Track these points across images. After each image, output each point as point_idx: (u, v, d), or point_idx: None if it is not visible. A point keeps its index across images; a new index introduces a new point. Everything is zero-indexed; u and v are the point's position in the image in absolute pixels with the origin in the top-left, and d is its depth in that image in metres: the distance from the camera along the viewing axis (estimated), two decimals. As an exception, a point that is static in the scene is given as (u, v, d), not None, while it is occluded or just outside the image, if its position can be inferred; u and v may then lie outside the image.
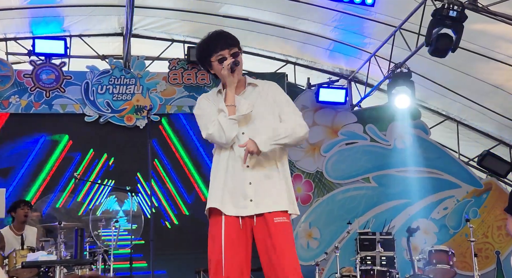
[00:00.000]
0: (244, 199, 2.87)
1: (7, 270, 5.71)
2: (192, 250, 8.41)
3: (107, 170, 8.42)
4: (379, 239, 7.08)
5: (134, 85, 8.72)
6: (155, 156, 8.39)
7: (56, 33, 8.55)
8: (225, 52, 2.96)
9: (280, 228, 2.86)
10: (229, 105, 2.91)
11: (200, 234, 8.57)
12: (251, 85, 3.06)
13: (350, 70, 9.41)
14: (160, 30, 8.92)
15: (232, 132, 2.90)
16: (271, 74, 9.22)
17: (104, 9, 8.23)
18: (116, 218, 7.22)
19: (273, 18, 8.25)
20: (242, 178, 2.89)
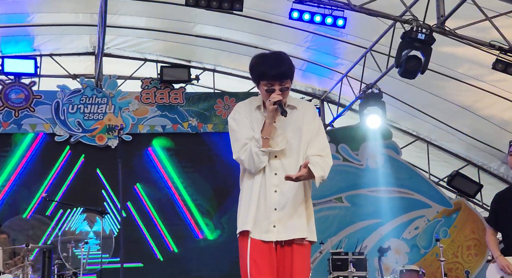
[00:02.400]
0: (269, 224, 2.89)
1: (-29, 295, 5.53)
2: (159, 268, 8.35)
3: (75, 189, 8.29)
4: (352, 259, 7.10)
5: (106, 104, 8.65)
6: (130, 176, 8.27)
7: (26, 52, 8.45)
8: (276, 84, 2.87)
9: (298, 251, 2.91)
10: (265, 138, 2.88)
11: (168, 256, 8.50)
12: (289, 107, 2.97)
13: (323, 90, 9.49)
14: (133, 49, 8.90)
15: (261, 164, 2.89)
16: (245, 93, 9.23)
17: (75, 28, 8.18)
18: (86, 239, 7.11)
19: (246, 38, 8.30)
20: (270, 203, 2.90)
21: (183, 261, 8.49)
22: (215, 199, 8.74)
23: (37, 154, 8.37)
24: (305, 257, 2.91)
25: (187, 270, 8.40)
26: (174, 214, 8.62)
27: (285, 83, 2.88)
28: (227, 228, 8.69)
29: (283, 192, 2.89)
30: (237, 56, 8.81)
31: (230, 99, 9.08)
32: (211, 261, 8.47)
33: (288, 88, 2.91)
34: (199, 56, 9.07)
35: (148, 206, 8.57)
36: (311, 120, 2.97)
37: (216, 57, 9.01)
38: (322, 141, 2.97)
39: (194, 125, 8.92)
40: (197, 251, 8.55)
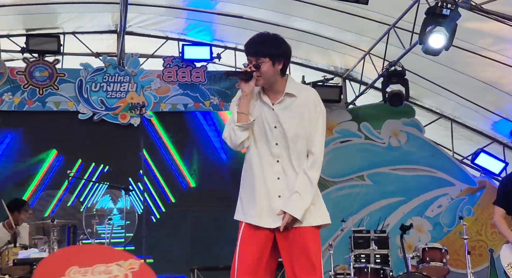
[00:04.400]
0: (272, 212, 2.95)
1: (0, 268, 5.68)
2: (186, 247, 8.43)
3: (101, 168, 8.39)
4: (373, 237, 7.09)
5: (128, 83, 8.70)
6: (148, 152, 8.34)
7: (50, 30, 8.51)
8: (252, 59, 2.99)
9: (307, 233, 2.96)
10: (240, 113, 2.95)
11: (196, 231, 8.61)
12: (287, 95, 3.01)
13: (345, 68, 9.41)
14: (154, 27, 8.89)
15: (237, 140, 2.96)
16: (266, 72, 9.22)
17: (98, 6, 8.20)
18: (110, 215, 7.24)
19: (268, 15, 8.23)
20: (274, 190, 2.97)
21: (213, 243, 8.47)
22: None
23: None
24: (313, 239, 2.95)
25: (216, 254, 8.31)
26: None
27: (260, 61, 2.94)
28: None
29: (287, 178, 2.95)
30: (258, 34, 8.75)
31: (252, 78, 9.04)
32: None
33: (259, 66, 2.94)
34: (221, 34, 9.04)
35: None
36: (313, 109, 3.00)
37: (237, 35, 8.96)
38: (318, 140, 2.99)
39: (215, 104, 8.94)
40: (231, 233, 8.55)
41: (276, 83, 3.01)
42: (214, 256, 8.29)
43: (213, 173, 8.74)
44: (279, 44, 3.02)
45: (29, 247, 5.92)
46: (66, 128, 8.46)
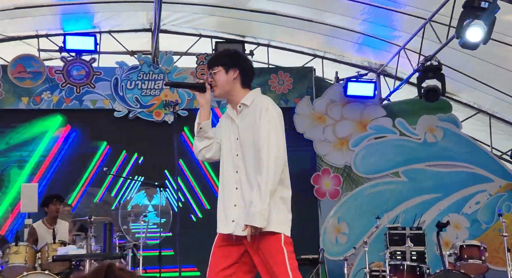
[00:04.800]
0: (227, 219, 3.10)
1: (40, 264, 5.82)
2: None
3: (136, 165, 8.51)
4: (409, 234, 7.00)
5: (162, 80, 8.78)
6: (183, 150, 8.41)
7: (87, 30, 8.65)
8: (208, 71, 3.23)
9: (264, 243, 3.01)
10: (197, 123, 3.25)
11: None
12: (242, 105, 3.16)
13: (379, 64, 9.30)
14: (188, 25, 8.95)
15: (196, 148, 3.28)
16: (298, 68, 9.19)
17: (133, 4, 8.30)
18: (145, 212, 7.30)
19: (301, 12, 8.19)
20: (231, 200, 3.12)
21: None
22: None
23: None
24: (272, 250, 2.98)
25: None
26: None
27: (214, 71, 3.15)
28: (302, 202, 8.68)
29: (242, 188, 3.07)
30: (292, 31, 8.73)
31: (285, 75, 9.04)
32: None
33: (214, 74, 3.14)
34: (254, 31, 9.04)
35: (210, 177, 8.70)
36: (258, 115, 3.07)
37: (270, 31, 8.95)
38: (263, 145, 3.02)
39: (247, 100, 8.93)
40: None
41: (234, 95, 3.16)
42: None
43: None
44: (234, 55, 3.23)
45: (68, 243, 6.04)
46: (104, 126, 8.60)
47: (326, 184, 8.91)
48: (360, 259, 8.10)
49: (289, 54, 9.30)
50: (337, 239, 8.77)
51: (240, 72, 3.13)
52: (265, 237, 2.98)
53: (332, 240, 8.74)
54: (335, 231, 8.78)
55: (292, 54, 9.30)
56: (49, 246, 5.86)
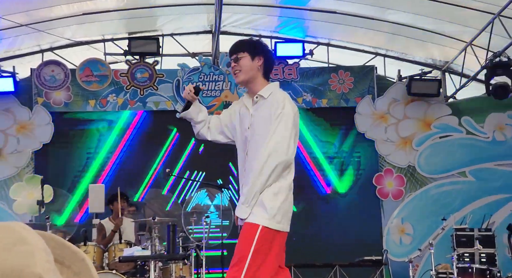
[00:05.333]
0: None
1: (107, 263, 5.99)
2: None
3: (199, 164, 8.60)
4: (478, 236, 6.79)
5: (222, 81, 8.85)
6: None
7: (150, 33, 8.84)
8: (233, 58, 3.32)
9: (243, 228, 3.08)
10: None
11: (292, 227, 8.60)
12: (260, 97, 3.20)
13: (444, 61, 9.01)
14: (248, 26, 8.98)
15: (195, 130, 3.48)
16: (360, 67, 9.04)
17: (194, 7, 8.40)
18: (207, 213, 7.37)
19: (362, 9, 8.05)
20: (241, 179, 3.28)
21: (308, 241, 8.51)
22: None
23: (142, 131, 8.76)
24: (244, 234, 3.02)
25: (311, 251, 8.38)
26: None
27: (240, 56, 3.22)
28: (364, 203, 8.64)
29: (247, 172, 3.15)
30: (352, 29, 8.61)
31: (345, 74, 8.92)
32: (340, 241, 8.45)
33: (237, 59, 3.22)
34: (313, 30, 8.96)
35: None
36: (274, 111, 3.08)
37: (330, 30, 8.85)
38: (274, 138, 3.05)
39: (308, 100, 8.89)
40: (324, 229, 8.59)
41: (255, 83, 3.19)
42: (311, 253, 8.29)
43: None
44: (260, 44, 3.30)
45: (134, 243, 6.18)
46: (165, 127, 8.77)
47: (389, 184, 8.74)
48: (426, 261, 7.90)
49: (349, 52, 9.17)
50: (401, 240, 8.59)
51: (264, 61, 3.18)
52: (244, 226, 3.04)
53: (396, 241, 8.57)
54: (399, 232, 8.61)
55: (353, 52, 9.16)
56: (116, 246, 6.02)
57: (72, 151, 8.55)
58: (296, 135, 3.14)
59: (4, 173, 8.18)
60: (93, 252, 5.94)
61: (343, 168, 8.83)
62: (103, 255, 6.04)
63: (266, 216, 3.00)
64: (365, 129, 8.82)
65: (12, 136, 8.29)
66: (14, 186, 8.17)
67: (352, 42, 9.03)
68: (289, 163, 3.06)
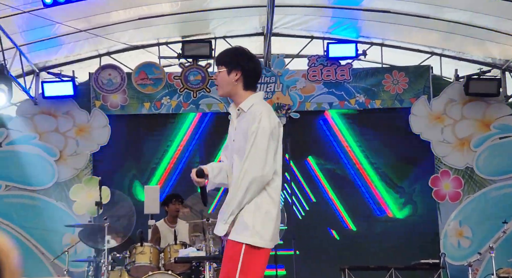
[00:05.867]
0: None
1: (163, 264, 6.09)
2: (335, 245, 8.42)
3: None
4: (541, 239, 6.53)
5: (274, 83, 8.85)
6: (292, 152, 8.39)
7: (202, 36, 8.93)
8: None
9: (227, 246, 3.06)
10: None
11: (343, 229, 8.53)
12: (240, 110, 3.13)
13: (504, 59, 8.72)
14: (300, 27, 8.94)
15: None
16: (415, 67, 8.87)
17: (246, 10, 8.44)
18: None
19: (416, 8, 7.89)
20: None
21: (362, 242, 8.45)
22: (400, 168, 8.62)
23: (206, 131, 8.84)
24: (228, 253, 3.01)
25: (366, 253, 8.32)
26: (350, 187, 8.60)
27: (218, 69, 3.16)
28: (420, 204, 8.48)
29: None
30: (407, 29, 8.45)
31: (399, 74, 8.77)
32: (395, 243, 8.34)
33: (217, 73, 3.15)
34: (366, 30, 8.85)
35: (321, 179, 8.66)
36: (251, 125, 3.00)
37: (384, 30, 8.72)
38: (249, 156, 2.98)
39: (361, 101, 8.78)
40: (379, 231, 8.49)
41: (236, 96, 3.11)
42: (365, 256, 8.20)
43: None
44: (237, 55, 3.13)
45: (189, 244, 6.26)
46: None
47: (446, 186, 8.53)
48: (486, 265, 7.71)
49: (403, 52, 9.00)
50: (459, 243, 8.39)
51: (242, 74, 3.08)
52: (227, 244, 3.04)
53: (454, 244, 8.37)
54: (457, 235, 8.40)
55: (407, 52, 8.98)
56: (171, 247, 6.11)
57: (130, 152, 8.74)
58: (277, 149, 3.05)
59: (64, 174, 8.45)
60: (149, 252, 6.05)
61: (398, 170, 8.70)
62: (159, 256, 6.14)
63: (248, 233, 2.96)
64: (420, 130, 8.64)
65: (71, 139, 8.55)
66: (73, 187, 8.42)
67: (407, 42, 8.86)
68: (265, 178, 2.97)
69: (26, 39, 7.88)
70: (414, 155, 8.75)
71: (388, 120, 8.85)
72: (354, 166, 8.69)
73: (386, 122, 8.84)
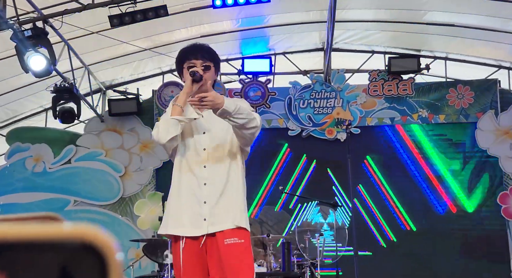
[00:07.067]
0: (198, 219, 2.82)
1: None
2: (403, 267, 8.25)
3: (310, 181, 8.61)
4: None
5: (334, 98, 8.80)
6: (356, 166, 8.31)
7: (263, 52, 9.02)
8: (198, 62, 2.92)
9: (231, 249, 2.76)
10: (175, 105, 2.81)
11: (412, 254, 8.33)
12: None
13: None
14: (360, 42, 8.89)
15: (167, 133, 2.78)
16: (481, 81, 8.62)
17: (306, 26, 8.47)
18: (321, 230, 7.35)
19: (481, 21, 7.70)
20: (198, 195, 2.84)
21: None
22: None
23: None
24: (239, 249, 2.76)
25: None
26: (411, 187, 8.43)
27: (207, 63, 2.92)
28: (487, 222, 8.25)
29: (213, 184, 2.84)
30: (471, 42, 8.24)
31: (465, 88, 8.54)
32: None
33: (209, 67, 2.91)
34: (429, 44, 8.69)
35: (383, 187, 8.53)
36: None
37: (447, 44, 8.53)
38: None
39: (424, 116, 8.60)
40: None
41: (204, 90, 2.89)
42: (433, 273, 8.01)
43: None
44: (212, 49, 3.05)
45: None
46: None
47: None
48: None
49: (468, 66, 8.77)
50: None
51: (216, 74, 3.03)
52: (234, 234, 2.79)
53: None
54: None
55: (472, 66, 8.75)
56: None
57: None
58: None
59: (129, 190, 8.68)
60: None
61: (466, 186, 8.44)
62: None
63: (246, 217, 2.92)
64: (488, 145, 8.38)
65: (135, 155, 8.78)
66: (138, 203, 8.63)
67: (472, 55, 8.63)
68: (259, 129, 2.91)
69: (94, 59, 8.19)
70: (481, 171, 8.49)
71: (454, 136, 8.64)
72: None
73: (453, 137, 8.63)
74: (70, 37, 7.19)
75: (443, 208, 8.41)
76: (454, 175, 8.46)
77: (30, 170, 8.70)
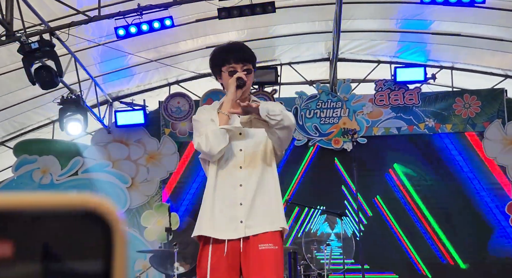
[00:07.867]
0: (234, 221, 2.73)
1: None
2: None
3: (316, 192, 8.57)
4: None
5: (340, 108, 8.80)
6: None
7: (269, 63, 9.04)
8: (238, 66, 2.83)
9: (265, 255, 2.67)
10: (221, 113, 2.77)
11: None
12: (254, 102, 2.90)
13: None
14: (366, 52, 8.90)
15: (219, 144, 2.71)
16: (488, 90, 8.60)
17: (311, 36, 8.49)
18: (327, 241, 7.31)
19: (489, 31, 7.69)
20: (233, 197, 2.75)
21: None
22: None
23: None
24: (273, 257, 2.66)
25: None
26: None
27: (247, 66, 2.83)
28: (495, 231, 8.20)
29: (249, 184, 2.76)
30: (478, 51, 8.24)
31: (471, 98, 8.52)
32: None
33: (250, 71, 2.84)
34: (436, 54, 8.69)
35: (406, 191, 8.48)
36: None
37: (454, 53, 8.53)
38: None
39: (431, 126, 8.58)
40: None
41: (245, 95, 2.88)
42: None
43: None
44: (251, 50, 2.97)
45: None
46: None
47: (524, 213, 8.15)
48: None
49: (475, 76, 8.76)
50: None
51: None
52: (265, 238, 2.70)
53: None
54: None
55: (479, 75, 8.74)
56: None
57: (198, 179, 8.88)
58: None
59: (136, 201, 8.67)
60: None
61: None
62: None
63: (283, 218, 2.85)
64: (495, 155, 8.33)
65: (142, 166, 8.78)
66: (144, 214, 8.62)
67: (478, 65, 8.62)
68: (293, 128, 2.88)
69: (101, 70, 8.24)
70: (488, 180, 8.43)
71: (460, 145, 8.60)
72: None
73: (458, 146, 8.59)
74: (77, 49, 7.24)
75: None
76: None
77: (38, 181, 8.72)
